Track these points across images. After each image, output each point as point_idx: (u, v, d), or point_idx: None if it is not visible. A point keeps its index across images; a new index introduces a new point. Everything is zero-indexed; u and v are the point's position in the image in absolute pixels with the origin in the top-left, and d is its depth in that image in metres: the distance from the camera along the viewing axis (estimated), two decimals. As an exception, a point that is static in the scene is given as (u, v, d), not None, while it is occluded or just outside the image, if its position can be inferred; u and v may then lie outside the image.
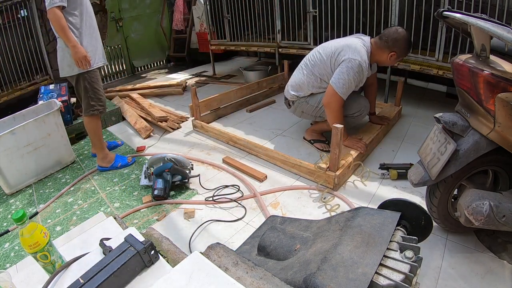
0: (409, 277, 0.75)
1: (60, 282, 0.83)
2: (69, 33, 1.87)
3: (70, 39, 1.87)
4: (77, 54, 1.91)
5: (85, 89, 2.06)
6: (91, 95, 2.09)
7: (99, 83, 2.12)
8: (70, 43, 1.88)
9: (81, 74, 2.01)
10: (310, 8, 3.17)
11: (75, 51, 1.90)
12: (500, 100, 1.06)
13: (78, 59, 1.93)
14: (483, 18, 1.08)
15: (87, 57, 1.95)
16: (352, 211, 1.01)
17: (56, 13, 1.80)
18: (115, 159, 2.29)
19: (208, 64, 5.28)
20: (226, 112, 3.13)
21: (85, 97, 2.09)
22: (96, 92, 2.10)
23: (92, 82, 2.07)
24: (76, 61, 1.93)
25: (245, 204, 1.80)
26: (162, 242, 0.96)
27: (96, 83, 2.09)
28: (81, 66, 1.95)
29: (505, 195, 1.16)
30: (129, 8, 5.19)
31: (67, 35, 1.86)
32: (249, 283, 0.74)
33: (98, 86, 2.11)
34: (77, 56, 1.91)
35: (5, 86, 3.40)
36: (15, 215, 0.80)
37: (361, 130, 2.30)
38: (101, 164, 2.27)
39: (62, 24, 1.83)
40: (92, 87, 2.07)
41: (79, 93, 2.13)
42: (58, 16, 1.80)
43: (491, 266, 1.28)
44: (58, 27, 1.83)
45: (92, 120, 2.16)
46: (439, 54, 2.44)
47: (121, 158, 2.32)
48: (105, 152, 2.26)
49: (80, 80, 2.04)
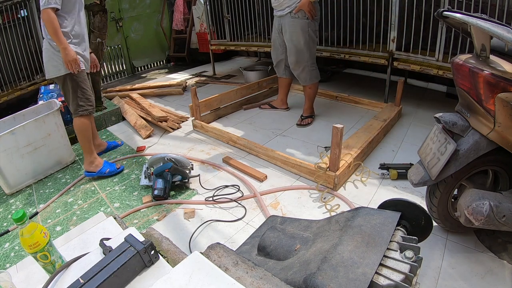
0: (409, 277, 0.75)
1: (60, 282, 0.83)
2: (61, 34, 1.84)
3: (62, 41, 1.84)
4: (68, 56, 1.88)
5: (73, 90, 2.02)
6: (79, 95, 2.04)
7: (86, 84, 2.08)
8: (61, 45, 1.85)
9: (68, 75, 1.97)
10: (310, 8, 3.17)
11: (65, 53, 1.87)
12: (500, 100, 1.06)
13: (68, 62, 1.89)
14: (483, 18, 1.08)
15: (77, 60, 1.92)
16: (352, 211, 1.01)
17: (50, 14, 1.79)
18: (103, 164, 2.20)
19: (208, 64, 5.28)
20: (226, 112, 3.13)
21: (73, 98, 2.04)
22: (84, 92, 2.05)
23: (80, 82, 2.02)
24: (66, 63, 1.90)
25: (245, 204, 1.80)
26: (162, 242, 0.96)
27: (84, 83, 2.05)
28: (71, 68, 1.92)
29: (505, 195, 1.16)
30: (129, 8, 5.19)
31: (59, 37, 1.83)
32: (249, 283, 0.74)
33: (85, 86, 2.07)
34: (67, 58, 1.88)
35: (5, 86, 3.40)
36: (15, 215, 0.80)
37: (361, 130, 2.30)
38: (87, 168, 2.17)
39: (55, 26, 1.81)
40: (80, 87, 2.03)
41: (66, 94, 2.08)
42: (52, 18, 1.79)
43: (491, 266, 1.28)
44: (51, 28, 1.81)
45: (82, 121, 2.08)
46: (439, 54, 2.44)
47: (110, 165, 2.23)
48: (93, 156, 2.18)
49: (67, 81, 1.99)
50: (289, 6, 2.40)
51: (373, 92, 3.36)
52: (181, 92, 3.92)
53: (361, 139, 2.14)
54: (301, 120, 2.76)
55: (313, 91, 2.71)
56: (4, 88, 3.39)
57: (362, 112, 2.92)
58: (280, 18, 2.54)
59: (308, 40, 2.47)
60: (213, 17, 4.28)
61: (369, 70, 4.25)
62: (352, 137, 2.20)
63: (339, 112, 2.98)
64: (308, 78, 2.62)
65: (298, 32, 2.44)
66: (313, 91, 2.71)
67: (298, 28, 2.43)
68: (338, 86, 3.74)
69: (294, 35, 2.47)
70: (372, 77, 4.10)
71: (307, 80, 2.63)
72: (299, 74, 2.63)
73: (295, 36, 2.46)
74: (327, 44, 3.24)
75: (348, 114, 2.90)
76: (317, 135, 2.52)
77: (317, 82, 2.69)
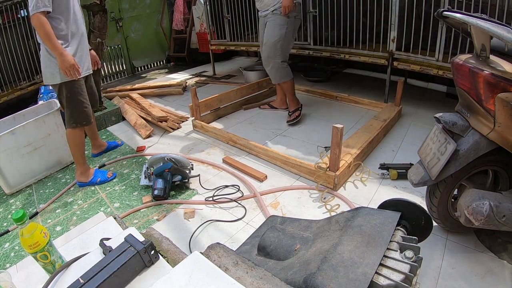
0: (409, 277, 0.75)
1: (60, 282, 0.83)
2: (55, 39, 1.72)
3: (56, 46, 1.72)
4: (64, 62, 1.75)
5: (68, 100, 1.92)
6: (74, 107, 1.94)
7: (83, 94, 1.97)
8: (57, 51, 1.73)
9: (64, 84, 1.87)
10: (310, 8, 3.17)
11: (62, 59, 1.75)
12: (500, 100, 1.06)
13: (65, 68, 1.77)
14: (483, 18, 1.08)
15: (75, 66, 1.80)
16: (352, 211, 1.01)
17: (40, 19, 1.66)
18: (94, 174, 2.15)
19: (208, 64, 5.28)
20: (226, 112, 3.13)
21: (67, 109, 1.95)
22: (80, 103, 1.95)
23: (76, 93, 1.91)
24: (64, 70, 1.78)
25: (245, 204, 1.80)
26: (162, 242, 0.96)
27: (80, 93, 1.94)
28: (69, 75, 1.81)
29: (505, 195, 1.16)
30: (129, 8, 5.19)
31: (53, 42, 1.71)
32: (249, 283, 0.74)
33: (82, 97, 1.96)
34: (64, 64, 1.76)
35: (5, 86, 3.40)
36: (15, 215, 0.80)
37: (361, 130, 2.30)
38: (79, 179, 2.11)
39: (47, 30, 1.68)
40: (76, 97, 1.93)
41: (61, 103, 1.99)
42: (43, 22, 1.67)
43: (491, 266, 1.28)
44: (43, 34, 1.69)
45: (74, 132, 2.01)
46: (439, 54, 2.44)
47: (101, 173, 2.17)
48: (85, 167, 2.11)
49: (63, 90, 1.89)
50: (274, 5, 2.46)
51: (373, 92, 3.36)
52: (181, 92, 3.92)
53: (361, 139, 2.14)
54: (289, 116, 2.77)
55: (288, 86, 2.70)
56: (4, 88, 3.38)
57: (362, 112, 2.92)
58: (264, 18, 2.60)
59: (284, 37, 2.50)
60: (213, 17, 4.28)
61: (369, 70, 4.25)
62: (352, 137, 2.20)
63: (339, 112, 2.98)
64: (277, 76, 2.64)
65: (275, 27, 2.49)
66: (288, 86, 2.71)
67: (276, 23, 2.48)
68: (338, 86, 3.74)
69: (270, 30, 2.53)
70: (372, 77, 4.10)
71: (276, 78, 2.66)
72: (269, 70, 2.67)
73: (271, 30, 2.52)
74: (327, 44, 3.23)
75: (348, 114, 2.90)
76: (317, 135, 2.52)
77: (291, 80, 2.68)
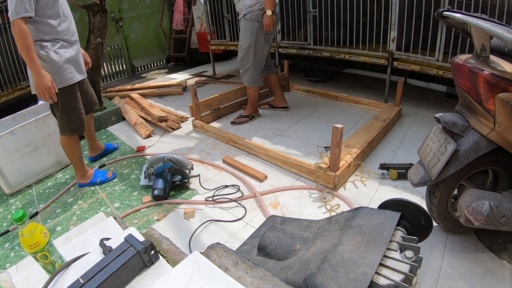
0: (409, 277, 0.75)
1: (60, 282, 0.83)
2: (34, 55, 1.52)
3: (35, 63, 1.52)
4: (40, 83, 1.57)
5: (62, 107, 1.80)
6: (68, 114, 1.83)
7: (78, 100, 1.85)
8: (34, 69, 1.53)
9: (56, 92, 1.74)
10: (310, 8, 3.17)
11: (38, 79, 1.56)
12: (500, 100, 1.06)
13: (40, 90, 1.59)
14: (483, 18, 1.08)
15: (51, 89, 1.61)
16: (352, 211, 1.01)
17: (21, 27, 1.46)
18: (94, 174, 2.12)
19: (208, 64, 5.28)
20: (226, 112, 3.13)
21: (61, 116, 1.82)
22: (74, 110, 1.84)
23: (70, 99, 1.79)
24: (38, 91, 1.60)
25: (245, 204, 1.80)
26: (162, 242, 0.96)
27: (74, 99, 1.82)
28: (43, 97, 1.63)
29: (505, 195, 1.16)
30: (129, 8, 5.19)
31: (31, 58, 1.51)
32: (249, 283, 0.74)
33: (77, 103, 1.84)
34: (39, 86, 1.58)
35: (5, 86, 3.40)
36: (15, 215, 0.80)
37: (361, 130, 2.30)
38: (79, 181, 2.10)
39: (28, 43, 1.48)
40: (69, 105, 1.81)
41: (53, 111, 1.90)
42: (23, 32, 1.46)
43: (491, 266, 1.28)
44: (22, 45, 1.47)
45: (69, 140, 1.92)
46: (439, 54, 2.44)
47: (101, 173, 2.15)
48: (84, 170, 2.08)
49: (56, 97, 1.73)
50: (244, 10, 2.52)
51: (373, 92, 3.36)
52: (181, 92, 3.92)
53: (361, 139, 2.14)
54: (237, 117, 2.88)
55: (252, 92, 2.80)
56: (4, 88, 3.39)
57: (362, 112, 2.92)
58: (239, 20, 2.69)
59: (255, 43, 2.56)
60: (213, 17, 4.28)
61: (369, 70, 4.25)
62: (352, 137, 2.20)
63: (339, 112, 2.98)
64: (248, 79, 2.72)
65: (246, 33, 2.56)
66: (251, 93, 2.80)
67: (247, 29, 2.55)
68: (338, 86, 3.74)
69: (242, 35, 2.61)
70: (372, 77, 4.10)
71: (247, 81, 2.74)
72: (242, 73, 2.74)
73: (243, 36, 2.60)
74: (327, 44, 3.24)
75: (348, 114, 2.90)
76: (317, 135, 2.52)
77: (257, 87, 2.77)
